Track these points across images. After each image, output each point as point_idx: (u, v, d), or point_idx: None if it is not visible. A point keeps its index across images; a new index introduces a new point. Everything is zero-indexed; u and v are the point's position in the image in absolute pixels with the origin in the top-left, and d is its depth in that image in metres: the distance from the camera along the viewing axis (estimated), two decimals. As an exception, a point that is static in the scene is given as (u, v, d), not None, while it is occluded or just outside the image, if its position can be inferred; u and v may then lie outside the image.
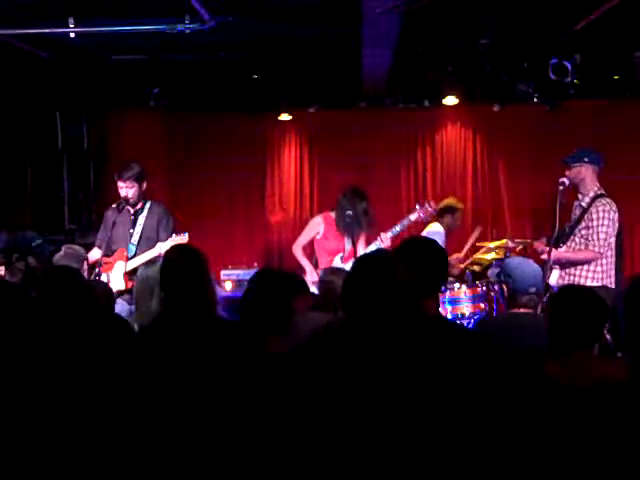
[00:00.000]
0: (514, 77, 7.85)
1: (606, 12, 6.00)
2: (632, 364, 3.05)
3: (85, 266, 5.84)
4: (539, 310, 4.42)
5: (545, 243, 6.32)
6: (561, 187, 6.19)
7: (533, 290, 4.22)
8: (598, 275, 6.04)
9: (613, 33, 6.84)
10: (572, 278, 6.10)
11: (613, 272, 6.12)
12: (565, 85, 7.35)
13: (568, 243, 6.19)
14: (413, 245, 3.30)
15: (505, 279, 4.30)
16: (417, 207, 7.14)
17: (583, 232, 6.09)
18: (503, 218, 9.02)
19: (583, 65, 7.17)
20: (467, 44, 7.22)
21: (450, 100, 8.27)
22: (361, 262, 2.84)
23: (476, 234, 8.08)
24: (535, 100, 8.12)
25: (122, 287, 6.36)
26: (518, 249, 7.55)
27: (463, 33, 6.98)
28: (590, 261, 6.03)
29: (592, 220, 6.02)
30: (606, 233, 5.98)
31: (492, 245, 7.66)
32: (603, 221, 5.99)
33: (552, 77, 7.15)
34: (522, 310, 4.23)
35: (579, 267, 6.07)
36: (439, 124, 9.16)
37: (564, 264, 6.13)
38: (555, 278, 6.12)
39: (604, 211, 6.00)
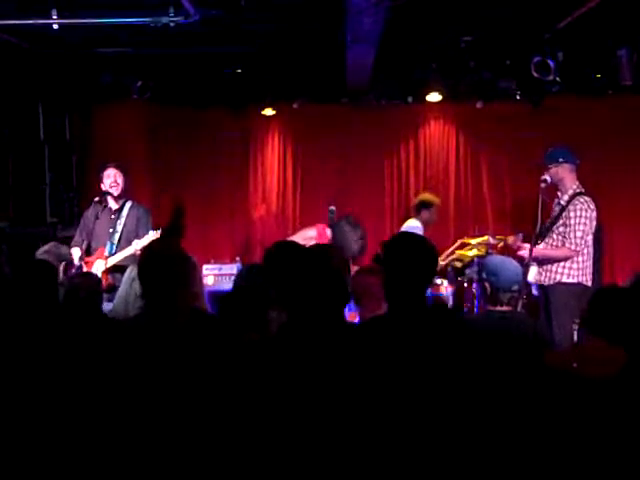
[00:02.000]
0: (497, 74, 7.88)
1: (589, 11, 6.04)
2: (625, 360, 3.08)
3: (62, 267, 5.80)
4: (519, 307, 4.45)
5: (521, 239, 6.42)
6: (543, 184, 6.25)
7: (515, 288, 4.24)
8: (574, 272, 6.11)
9: (596, 31, 6.88)
10: (549, 274, 6.19)
11: (590, 269, 6.19)
12: (548, 83, 7.38)
13: (546, 240, 6.26)
14: (404, 242, 3.30)
15: (488, 277, 4.29)
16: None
17: (561, 229, 6.17)
18: (485, 215, 9.04)
19: (566, 63, 7.20)
20: (451, 41, 7.24)
21: (433, 97, 8.29)
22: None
23: (457, 245, 8.08)
24: (518, 97, 8.16)
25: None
26: (499, 246, 7.58)
27: (447, 30, 7.00)
28: (566, 258, 6.11)
29: (570, 218, 6.10)
30: (583, 231, 6.06)
31: (474, 242, 7.69)
32: (580, 219, 6.07)
33: (535, 75, 7.19)
34: (503, 308, 4.25)
35: (556, 264, 6.15)
36: (422, 120, 9.16)
37: (541, 261, 6.21)
38: (533, 275, 6.20)
39: (581, 209, 6.08)
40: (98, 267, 6.45)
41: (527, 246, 6.16)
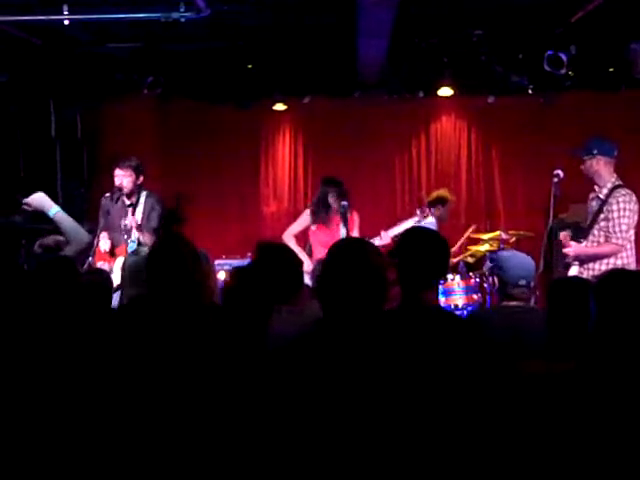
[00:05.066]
0: (509, 68, 7.84)
1: (602, 4, 6.01)
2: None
3: None
4: (532, 302, 4.42)
5: (570, 236, 6.07)
6: (555, 179, 6.18)
7: (523, 282, 4.18)
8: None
9: (609, 25, 6.85)
10: (591, 272, 5.87)
11: (634, 265, 5.90)
12: (560, 77, 7.34)
13: (589, 237, 5.96)
14: (416, 236, 3.29)
15: (496, 271, 4.28)
16: (418, 212, 7.13)
17: (602, 224, 5.87)
18: (497, 210, 9.03)
19: (578, 57, 7.16)
20: (462, 35, 7.22)
21: (445, 91, 8.26)
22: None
23: (470, 231, 8.08)
24: (530, 92, 8.12)
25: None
26: (512, 241, 7.57)
27: (458, 24, 6.98)
28: (612, 254, 5.82)
29: (612, 212, 5.80)
30: (627, 225, 5.77)
31: (486, 237, 7.67)
32: (624, 212, 5.77)
33: (547, 69, 7.15)
34: (514, 302, 4.23)
35: (598, 261, 5.87)
36: (434, 115, 9.16)
37: (584, 259, 5.94)
38: (574, 274, 5.89)
39: (624, 202, 5.78)
40: (119, 264, 6.42)
41: (573, 244, 5.92)
